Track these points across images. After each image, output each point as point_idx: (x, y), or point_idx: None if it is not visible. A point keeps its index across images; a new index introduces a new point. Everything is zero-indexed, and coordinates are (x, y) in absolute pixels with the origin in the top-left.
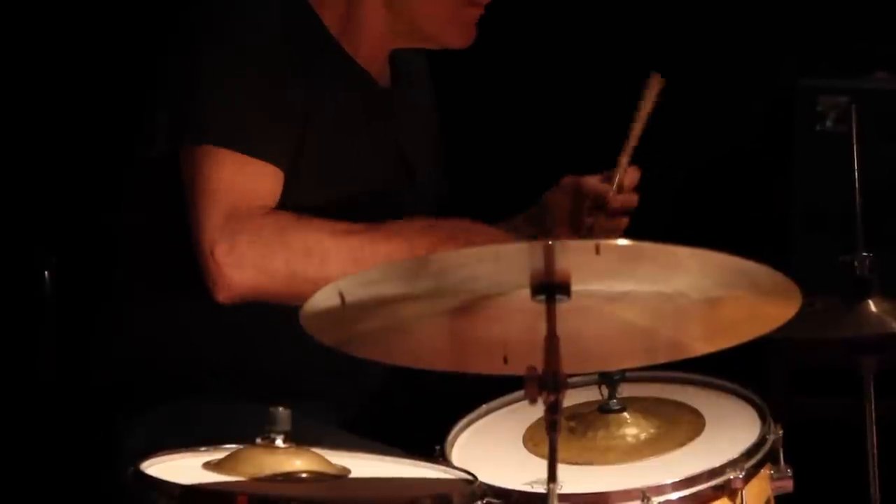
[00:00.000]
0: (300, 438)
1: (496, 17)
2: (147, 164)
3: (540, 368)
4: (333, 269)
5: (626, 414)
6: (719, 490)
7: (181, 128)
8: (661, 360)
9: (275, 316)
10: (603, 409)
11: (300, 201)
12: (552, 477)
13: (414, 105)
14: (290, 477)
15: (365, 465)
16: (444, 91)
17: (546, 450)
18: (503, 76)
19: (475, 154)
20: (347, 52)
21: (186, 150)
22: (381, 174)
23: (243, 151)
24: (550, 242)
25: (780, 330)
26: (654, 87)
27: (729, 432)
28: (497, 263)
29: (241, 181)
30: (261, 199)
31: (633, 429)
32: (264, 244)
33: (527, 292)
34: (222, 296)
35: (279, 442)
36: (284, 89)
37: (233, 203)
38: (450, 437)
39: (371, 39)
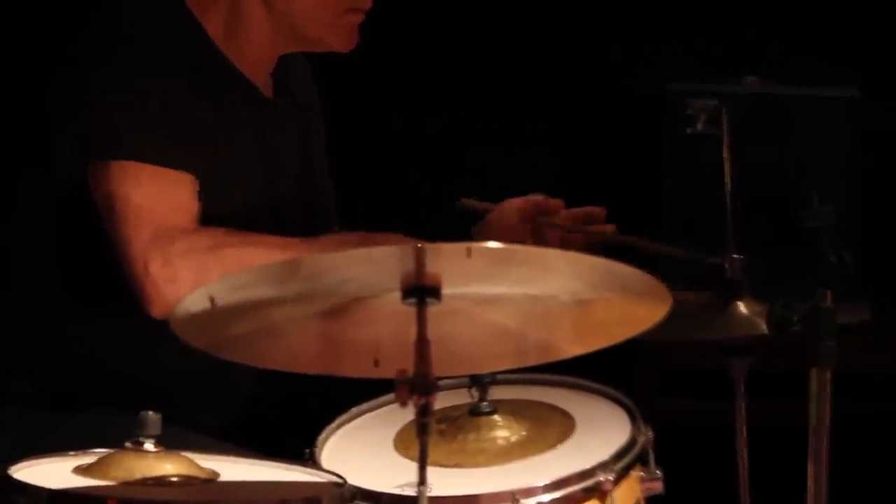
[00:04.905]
0: (170, 444)
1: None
2: (42, 179)
3: (410, 371)
4: None
5: (496, 416)
6: (589, 492)
7: (89, 144)
8: (532, 362)
9: (146, 320)
10: (473, 411)
11: None
12: (422, 480)
13: (297, 113)
14: (159, 481)
15: (234, 469)
16: (331, 95)
17: (416, 452)
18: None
19: (363, 159)
20: (231, 62)
21: (98, 167)
22: (267, 186)
23: (159, 163)
24: (421, 245)
25: (650, 332)
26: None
27: (599, 434)
28: (368, 266)
29: (162, 194)
30: (185, 210)
31: (503, 431)
32: (199, 259)
33: (398, 295)
34: (157, 311)
35: (149, 446)
36: (181, 98)
37: (158, 218)
38: (320, 440)
39: (256, 45)
